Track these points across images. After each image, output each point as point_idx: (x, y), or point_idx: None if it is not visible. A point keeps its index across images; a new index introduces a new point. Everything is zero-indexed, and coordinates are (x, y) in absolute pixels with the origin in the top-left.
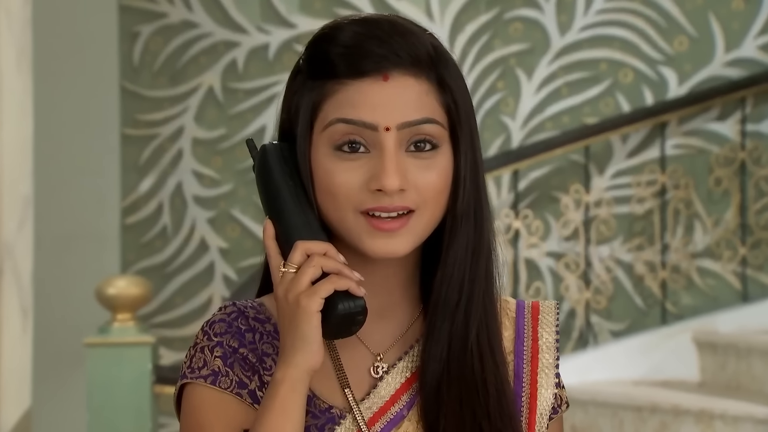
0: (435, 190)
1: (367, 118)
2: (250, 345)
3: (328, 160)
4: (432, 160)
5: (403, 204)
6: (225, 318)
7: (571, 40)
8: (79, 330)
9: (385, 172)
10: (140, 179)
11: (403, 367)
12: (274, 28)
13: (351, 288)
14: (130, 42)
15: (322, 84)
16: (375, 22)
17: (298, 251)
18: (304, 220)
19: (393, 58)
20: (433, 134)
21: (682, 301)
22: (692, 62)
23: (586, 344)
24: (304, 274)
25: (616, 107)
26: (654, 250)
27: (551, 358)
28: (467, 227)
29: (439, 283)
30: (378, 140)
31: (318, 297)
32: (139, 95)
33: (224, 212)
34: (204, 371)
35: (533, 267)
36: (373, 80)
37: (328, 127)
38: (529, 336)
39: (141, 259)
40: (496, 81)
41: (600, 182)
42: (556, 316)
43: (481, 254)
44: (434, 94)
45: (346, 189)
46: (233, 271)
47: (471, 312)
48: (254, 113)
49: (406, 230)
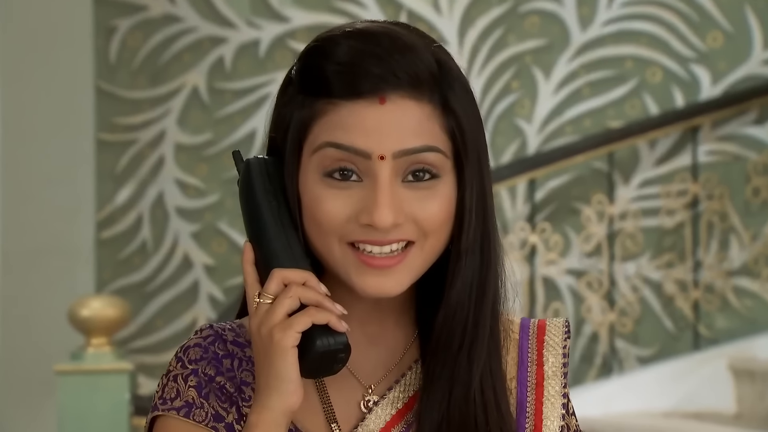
0: (436, 222)
1: (360, 144)
2: (228, 372)
3: (316, 187)
4: (432, 190)
5: (400, 236)
6: (201, 342)
7: (594, 36)
8: (50, 356)
9: (377, 207)
10: (117, 189)
11: (394, 398)
12: (266, 22)
13: (331, 322)
14: (106, 37)
15: (312, 102)
16: (373, 36)
17: (275, 280)
18: (284, 245)
19: (391, 79)
20: (434, 163)
21: (717, 324)
22: (727, 60)
23: (610, 372)
24: (279, 305)
25: (643, 110)
26: (685, 267)
27: (558, 386)
28: (472, 263)
29: (440, 325)
30: (371, 169)
31: (293, 331)
32: (116, 96)
33: (210, 225)
34: (177, 402)
35: (551, 286)
36: (368, 102)
37: (318, 150)
38: (534, 361)
39: (118, 277)
40: (510, 81)
41: (625, 192)
42: (564, 336)
43: (487, 293)
44: (437, 119)
45: (332, 219)
46: (220, 290)
47: (474, 357)
48: (243, 116)
49: (402, 266)
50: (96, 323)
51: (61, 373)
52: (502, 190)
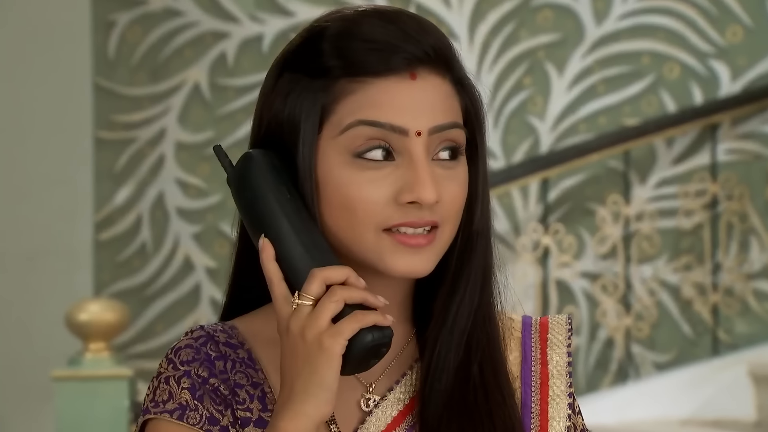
0: (459, 204)
1: (396, 120)
2: (221, 375)
3: (345, 170)
4: (454, 170)
5: (433, 218)
6: (192, 343)
7: (609, 30)
8: (47, 361)
9: (421, 183)
10: (116, 189)
11: (395, 399)
12: (270, 16)
13: (379, 322)
14: (105, 32)
15: (330, 83)
16: (394, 14)
17: (316, 281)
18: (311, 241)
19: (421, 55)
20: (458, 140)
21: (737, 328)
22: (747, 55)
23: (626, 378)
24: (325, 309)
25: (660, 107)
26: (704, 270)
27: (563, 385)
28: (482, 246)
29: (453, 309)
30: (407, 146)
31: (342, 338)
32: (115, 93)
33: (212, 227)
34: (170, 405)
35: (565, 289)
36: (400, 78)
37: (347, 130)
38: (538, 360)
39: (117, 280)
40: (522, 77)
41: (642, 192)
42: (568, 334)
43: (491, 276)
44: (456, 97)
45: (370, 205)
46: (222, 294)
47: (473, 339)
48: (246, 114)
49: (431, 247)
50: (94, 328)
51: (59, 379)
52: (514, 190)
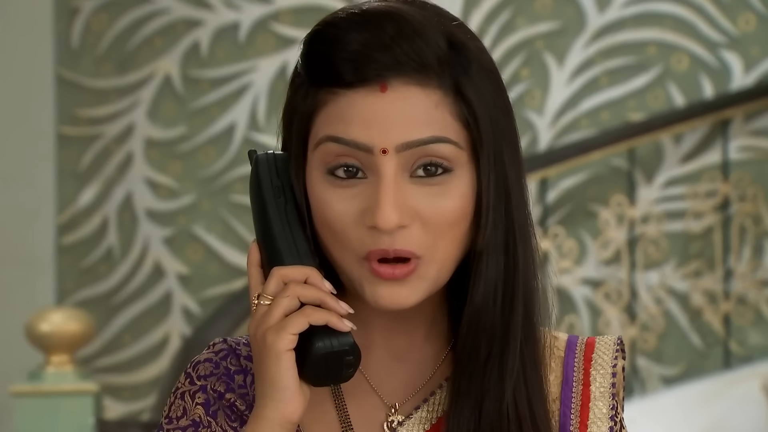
0: (448, 222)
1: (360, 137)
2: (239, 389)
3: (321, 186)
4: (445, 186)
5: (405, 248)
6: (212, 357)
7: (612, 18)
8: (5, 376)
9: (378, 206)
10: (80, 189)
11: (420, 418)
12: (246, 2)
13: (331, 322)
14: (68, 19)
15: (316, 91)
16: (378, 19)
17: (274, 279)
18: (289, 243)
19: (393, 66)
20: (445, 155)
21: (750, 340)
22: (761, 45)
23: (631, 393)
24: (276, 306)
25: (667, 101)
26: (715, 277)
27: (605, 408)
28: (495, 264)
29: (465, 334)
30: (374, 164)
31: (287, 333)
32: (79, 86)
33: (184, 230)
34: (183, 422)
35: (565, 297)
36: (368, 91)
37: (319, 145)
38: (579, 380)
39: (81, 287)
40: (519, 68)
41: (648, 193)
42: (614, 355)
43: (516, 296)
44: (447, 107)
45: (341, 225)
46: (195, 302)
47: (506, 368)
48: (221, 108)
49: (415, 277)
50: (56, 339)
51: (18, 394)
52: None
